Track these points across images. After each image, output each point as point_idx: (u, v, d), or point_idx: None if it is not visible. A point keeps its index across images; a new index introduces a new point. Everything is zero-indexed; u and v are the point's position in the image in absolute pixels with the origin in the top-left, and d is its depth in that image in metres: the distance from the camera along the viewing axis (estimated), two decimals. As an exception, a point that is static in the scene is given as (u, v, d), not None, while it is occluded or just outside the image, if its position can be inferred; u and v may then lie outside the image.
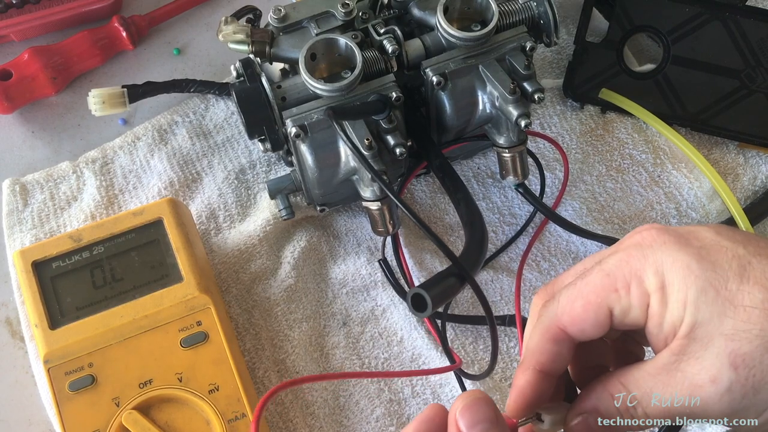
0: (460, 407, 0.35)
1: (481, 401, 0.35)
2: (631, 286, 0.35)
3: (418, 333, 0.58)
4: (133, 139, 0.66)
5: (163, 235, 0.55)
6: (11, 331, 0.60)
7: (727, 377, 0.32)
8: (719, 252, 0.34)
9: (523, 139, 0.55)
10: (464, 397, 0.35)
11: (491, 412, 0.35)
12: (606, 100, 0.65)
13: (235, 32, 0.54)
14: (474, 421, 0.34)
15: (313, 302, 0.60)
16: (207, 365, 0.52)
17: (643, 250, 0.36)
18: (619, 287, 0.36)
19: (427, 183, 0.65)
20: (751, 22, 0.65)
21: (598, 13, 0.69)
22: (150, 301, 0.53)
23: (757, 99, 0.65)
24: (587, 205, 0.63)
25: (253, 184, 0.64)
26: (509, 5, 0.56)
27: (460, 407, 0.35)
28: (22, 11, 0.67)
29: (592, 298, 0.36)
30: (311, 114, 0.52)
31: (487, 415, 0.34)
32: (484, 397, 0.35)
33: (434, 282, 0.45)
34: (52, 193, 0.63)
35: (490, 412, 0.35)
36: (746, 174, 0.65)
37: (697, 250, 0.34)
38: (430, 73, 0.53)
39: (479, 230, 0.51)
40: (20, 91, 0.65)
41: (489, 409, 0.35)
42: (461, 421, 0.34)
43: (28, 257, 0.53)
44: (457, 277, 0.46)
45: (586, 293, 0.36)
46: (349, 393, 0.57)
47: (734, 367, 0.32)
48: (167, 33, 0.72)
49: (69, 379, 0.51)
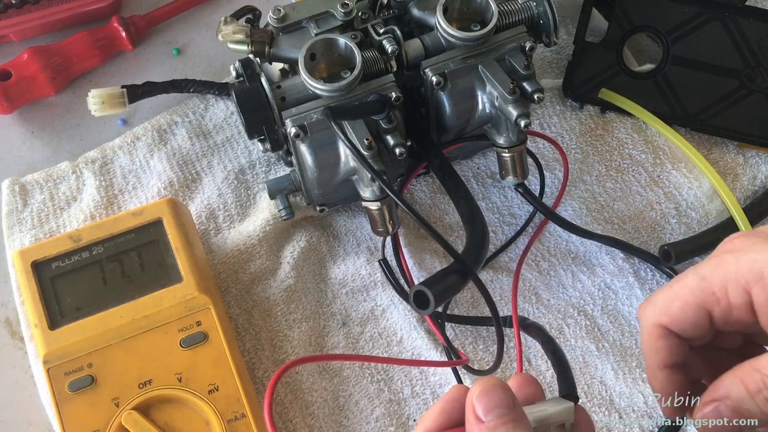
0: (477, 392, 0.35)
1: (498, 387, 0.35)
2: (728, 288, 0.36)
3: (418, 333, 0.58)
4: (132, 139, 0.66)
5: (162, 235, 0.54)
6: (11, 332, 0.60)
7: None
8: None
9: (523, 139, 0.55)
10: (481, 382, 0.35)
11: (508, 398, 0.35)
12: (605, 100, 0.65)
13: (235, 32, 0.54)
14: (490, 406, 0.34)
15: (313, 302, 0.60)
16: (206, 365, 0.52)
17: (735, 254, 0.36)
18: (715, 290, 0.36)
19: (427, 183, 0.65)
20: (750, 22, 0.65)
21: (597, 13, 0.69)
22: (149, 301, 0.53)
23: (756, 99, 0.65)
24: (587, 205, 0.63)
25: (253, 185, 0.64)
26: (508, 5, 0.56)
27: (477, 392, 0.35)
28: (21, 11, 0.67)
29: (690, 299, 0.37)
30: (311, 114, 0.52)
31: (504, 400, 0.35)
32: (501, 383, 0.35)
33: (437, 279, 0.45)
34: (52, 194, 0.63)
35: (506, 397, 0.35)
36: (746, 174, 0.65)
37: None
38: (429, 73, 0.53)
39: (480, 228, 0.51)
40: (20, 92, 0.65)
41: (506, 395, 0.35)
42: (478, 405, 0.35)
43: (27, 257, 0.53)
44: (459, 274, 0.46)
45: (683, 295, 0.37)
46: (349, 393, 0.57)
47: None
48: (167, 33, 0.72)
49: (68, 380, 0.51)
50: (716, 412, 0.35)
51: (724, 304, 0.36)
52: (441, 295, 0.44)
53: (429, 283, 0.44)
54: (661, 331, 0.38)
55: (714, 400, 0.35)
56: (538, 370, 0.58)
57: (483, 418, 0.34)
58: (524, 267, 0.61)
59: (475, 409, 0.35)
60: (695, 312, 0.37)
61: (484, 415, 0.34)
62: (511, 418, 0.34)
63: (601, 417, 0.56)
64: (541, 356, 0.58)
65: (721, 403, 0.35)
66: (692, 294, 0.37)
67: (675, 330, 0.38)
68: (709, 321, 0.37)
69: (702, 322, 0.37)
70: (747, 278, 0.35)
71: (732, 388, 0.35)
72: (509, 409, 0.34)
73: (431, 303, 0.43)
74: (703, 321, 0.37)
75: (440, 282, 0.45)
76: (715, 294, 0.36)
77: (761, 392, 0.34)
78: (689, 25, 0.65)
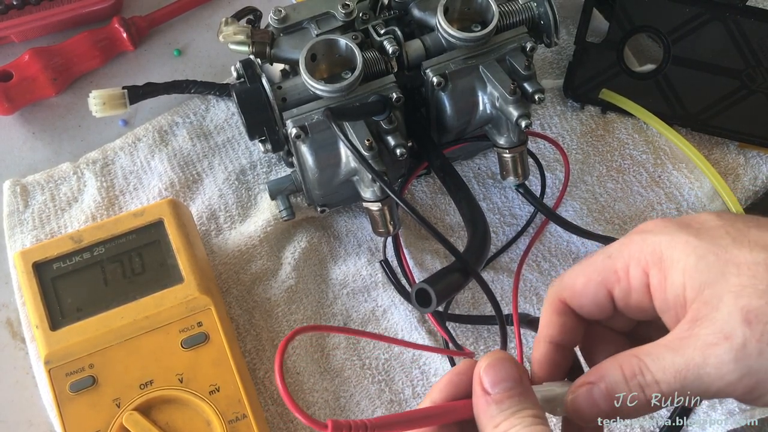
0: (484, 365, 0.35)
1: (506, 360, 0.35)
2: (630, 267, 0.36)
3: (419, 334, 0.58)
4: (133, 140, 0.66)
5: (163, 235, 0.55)
6: (12, 332, 0.60)
7: (741, 333, 0.31)
8: (718, 229, 0.34)
9: (524, 140, 0.55)
10: (489, 356, 0.35)
11: (515, 372, 0.35)
12: (606, 101, 0.65)
13: (236, 33, 0.55)
14: (498, 379, 0.34)
15: (314, 303, 0.60)
16: (207, 366, 0.52)
17: (643, 234, 0.36)
18: (618, 268, 0.36)
19: (428, 183, 0.65)
20: (751, 23, 0.65)
21: (598, 14, 0.69)
22: (151, 301, 0.53)
23: (757, 99, 0.65)
24: (588, 205, 0.63)
25: (254, 185, 0.64)
26: (509, 6, 0.56)
27: (484, 365, 0.35)
28: (22, 12, 0.68)
29: (593, 276, 0.37)
30: (312, 115, 0.52)
31: (511, 374, 0.34)
32: (509, 357, 0.35)
33: (439, 277, 0.45)
34: (53, 194, 0.63)
35: (514, 371, 0.35)
36: (747, 174, 0.65)
37: (696, 230, 0.34)
38: (430, 74, 0.53)
39: (482, 228, 0.51)
40: (21, 92, 0.65)
41: (513, 369, 0.35)
42: (485, 378, 0.34)
43: (28, 258, 0.53)
44: (461, 272, 0.46)
45: (588, 272, 0.37)
46: (350, 393, 0.57)
47: (747, 323, 0.31)
48: (168, 34, 0.72)
49: (70, 380, 0.51)
50: (589, 394, 0.35)
51: (624, 285, 0.36)
52: (443, 293, 0.44)
53: (431, 281, 0.44)
54: (560, 307, 0.38)
55: (589, 382, 0.35)
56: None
57: (490, 391, 0.34)
58: (525, 267, 0.61)
59: (482, 381, 0.35)
60: (596, 289, 0.37)
61: (491, 387, 0.34)
62: (518, 392, 0.34)
63: (602, 417, 0.56)
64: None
65: (595, 386, 0.35)
66: (596, 271, 0.37)
67: (574, 306, 0.38)
68: (611, 301, 0.37)
69: (602, 301, 0.37)
70: (648, 259, 0.35)
71: (609, 371, 0.34)
72: (516, 383, 0.34)
73: (433, 301, 0.43)
74: (604, 300, 0.37)
75: (442, 280, 0.45)
76: (617, 273, 0.36)
77: (635, 377, 0.33)
78: (690, 25, 0.65)
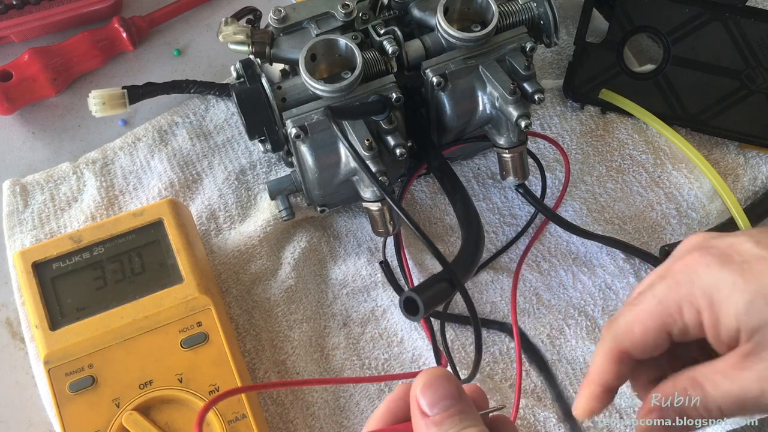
0: (420, 385, 0.33)
1: (442, 377, 0.33)
2: (683, 310, 0.36)
3: (419, 334, 0.58)
4: (133, 140, 0.66)
5: (163, 235, 0.55)
6: (11, 332, 0.60)
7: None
8: (762, 263, 0.35)
9: (524, 140, 0.55)
10: (424, 374, 0.34)
11: (453, 389, 0.33)
12: (606, 101, 0.65)
13: (236, 33, 0.55)
14: (435, 399, 0.33)
15: (314, 303, 0.60)
16: (207, 366, 0.52)
17: (689, 275, 0.36)
18: (672, 312, 0.36)
19: (428, 184, 0.65)
20: (751, 23, 0.65)
21: (598, 14, 0.69)
22: (150, 301, 0.53)
23: (757, 99, 0.65)
24: (587, 205, 0.63)
25: (254, 185, 0.64)
26: (509, 6, 0.56)
27: (420, 385, 0.33)
28: (22, 12, 0.67)
29: (650, 324, 0.37)
30: (311, 115, 0.52)
31: (449, 391, 0.33)
32: (445, 373, 0.34)
33: (426, 286, 0.45)
34: (53, 194, 0.63)
35: (451, 388, 0.33)
36: (746, 174, 0.65)
37: (740, 266, 0.35)
38: (430, 74, 0.53)
39: (475, 232, 0.51)
40: (20, 92, 0.65)
41: (451, 386, 0.33)
42: (422, 400, 0.33)
43: (28, 258, 0.53)
44: (449, 282, 0.45)
45: (643, 319, 0.37)
46: (350, 394, 0.57)
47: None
48: (167, 34, 0.72)
49: (69, 380, 0.51)
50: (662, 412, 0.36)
51: (680, 325, 0.37)
52: (430, 303, 0.44)
53: (418, 289, 0.44)
54: (620, 356, 0.38)
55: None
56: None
57: (428, 413, 0.33)
58: (525, 267, 0.61)
59: (419, 403, 0.33)
60: (656, 335, 0.37)
61: (429, 409, 0.33)
62: (457, 410, 0.33)
63: (601, 417, 0.56)
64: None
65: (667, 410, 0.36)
66: (651, 318, 0.37)
67: (636, 354, 0.38)
68: (669, 340, 0.37)
69: (663, 342, 0.37)
70: (699, 303, 0.36)
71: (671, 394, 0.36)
72: (455, 400, 0.33)
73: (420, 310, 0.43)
74: (664, 342, 0.37)
75: (429, 289, 0.45)
76: (673, 316, 0.37)
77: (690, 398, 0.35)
78: (690, 25, 0.65)
